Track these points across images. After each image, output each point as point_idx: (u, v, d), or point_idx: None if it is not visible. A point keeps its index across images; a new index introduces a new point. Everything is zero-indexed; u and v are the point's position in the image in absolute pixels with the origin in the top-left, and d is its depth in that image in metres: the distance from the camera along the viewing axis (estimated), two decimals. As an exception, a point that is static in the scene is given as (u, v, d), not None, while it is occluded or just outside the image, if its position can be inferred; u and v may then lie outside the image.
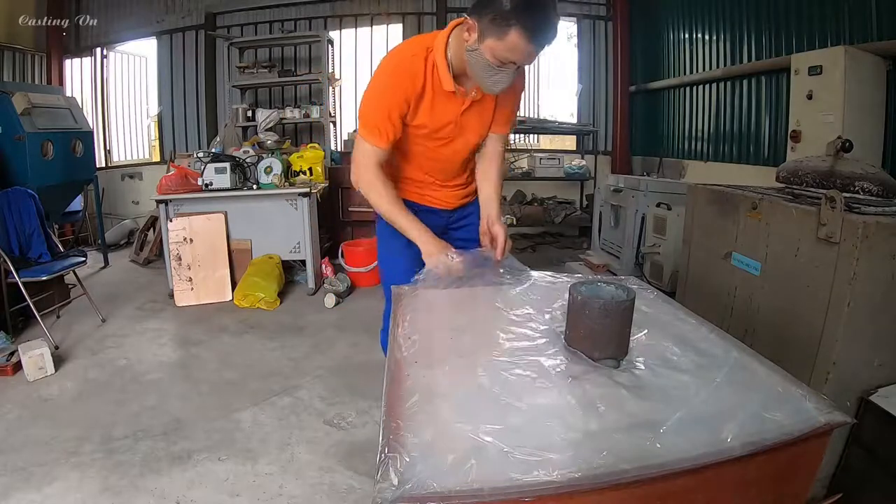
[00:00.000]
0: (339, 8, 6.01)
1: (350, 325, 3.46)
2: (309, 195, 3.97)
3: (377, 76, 1.50)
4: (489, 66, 1.33)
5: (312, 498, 1.83)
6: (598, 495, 0.76)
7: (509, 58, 1.30)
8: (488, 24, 1.27)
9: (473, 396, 0.99)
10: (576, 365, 1.12)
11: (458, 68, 1.45)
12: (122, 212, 6.38)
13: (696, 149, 4.86)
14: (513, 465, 0.79)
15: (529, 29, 1.24)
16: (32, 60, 6.04)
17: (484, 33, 1.29)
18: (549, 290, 1.52)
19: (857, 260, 1.49)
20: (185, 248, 3.86)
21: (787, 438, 0.86)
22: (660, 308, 1.47)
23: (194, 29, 6.10)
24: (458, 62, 1.44)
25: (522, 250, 5.52)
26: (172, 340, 3.27)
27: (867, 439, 1.56)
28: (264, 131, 5.24)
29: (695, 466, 0.79)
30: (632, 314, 1.14)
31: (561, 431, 0.88)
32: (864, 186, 1.94)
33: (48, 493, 1.85)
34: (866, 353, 1.57)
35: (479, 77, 1.40)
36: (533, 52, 1.30)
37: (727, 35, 4.25)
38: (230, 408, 2.43)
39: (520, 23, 1.24)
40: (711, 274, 2.23)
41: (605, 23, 6.05)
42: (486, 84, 1.40)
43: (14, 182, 3.66)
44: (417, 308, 1.44)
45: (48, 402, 2.50)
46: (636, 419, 0.92)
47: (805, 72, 3.04)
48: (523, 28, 1.24)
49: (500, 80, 1.37)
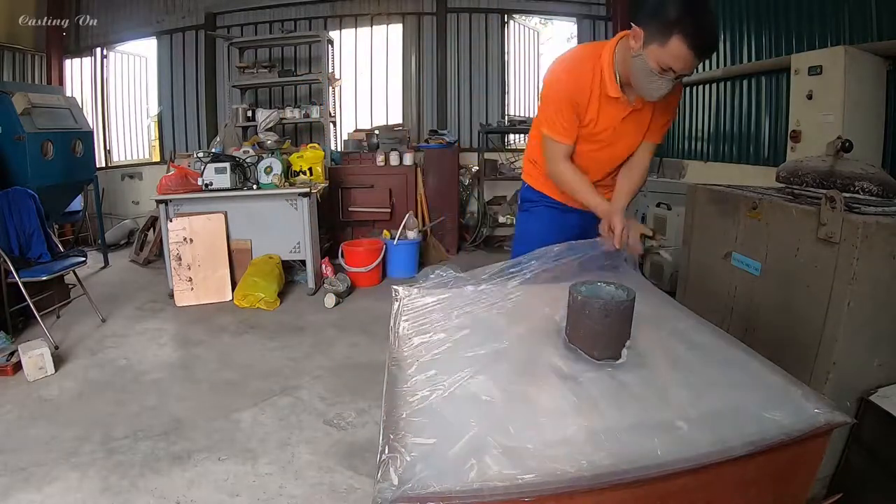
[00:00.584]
0: (339, 8, 6.01)
1: (350, 325, 3.46)
2: (309, 195, 3.97)
3: (552, 80, 1.64)
4: (650, 73, 1.41)
5: (312, 498, 1.83)
6: (598, 495, 0.76)
7: (670, 64, 1.37)
8: (653, 31, 1.36)
9: (473, 397, 0.99)
10: (576, 364, 1.12)
11: (623, 77, 1.55)
12: (122, 212, 6.38)
13: (696, 149, 4.86)
14: (513, 465, 0.79)
15: (691, 36, 1.31)
16: (32, 60, 6.04)
17: (648, 40, 1.38)
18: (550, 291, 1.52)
19: (857, 260, 1.49)
20: (185, 248, 3.86)
21: (787, 438, 0.86)
22: (660, 308, 1.47)
23: (194, 29, 6.10)
24: (623, 71, 1.53)
25: (522, 250, 5.52)
26: (172, 340, 3.28)
27: (867, 439, 1.55)
28: (264, 131, 5.24)
29: (695, 466, 0.79)
30: (632, 314, 1.14)
31: (561, 431, 0.88)
32: (864, 186, 1.94)
33: (48, 493, 1.85)
34: (866, 353, 1.57)
35: (640, 83, 1.47)
36: (693, 61, 1.37)
37: (727, 35, 4.25)
38: (230, 408, 2.43)
39: (682, 31, 1.30)
40: (711, 274, 2.23)
41: (605, 23, 6.04)
42: (646, 90, 1.48)
43: (14, 182, 3.66)
44: (418, 308, 1.44)
45: (48, 402, 2.50)
46: (636, 419, 0.92)
47: (805, 72, 3.04)
48: (685, 35, 1.31)
49: (659, 87, 1.44)
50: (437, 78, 5.99)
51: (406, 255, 4.53)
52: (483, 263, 1.54)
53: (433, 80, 6.02)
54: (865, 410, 1.56)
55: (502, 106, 6.14)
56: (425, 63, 6.01)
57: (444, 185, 5.28)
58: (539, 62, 6.50)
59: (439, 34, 5.90)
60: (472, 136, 6.10)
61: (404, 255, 4.52)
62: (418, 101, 6.09)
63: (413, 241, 4.56)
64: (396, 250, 4.46)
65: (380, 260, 4.31)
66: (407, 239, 4.53)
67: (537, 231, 1.86)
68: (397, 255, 4.48)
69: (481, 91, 6.08)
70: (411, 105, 6.12)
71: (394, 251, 4.44)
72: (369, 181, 5.11)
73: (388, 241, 4.44)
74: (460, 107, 6.10)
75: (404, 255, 4.52)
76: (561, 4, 6.06)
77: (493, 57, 6.04)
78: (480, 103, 6.10)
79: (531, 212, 1.96)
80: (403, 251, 4.50)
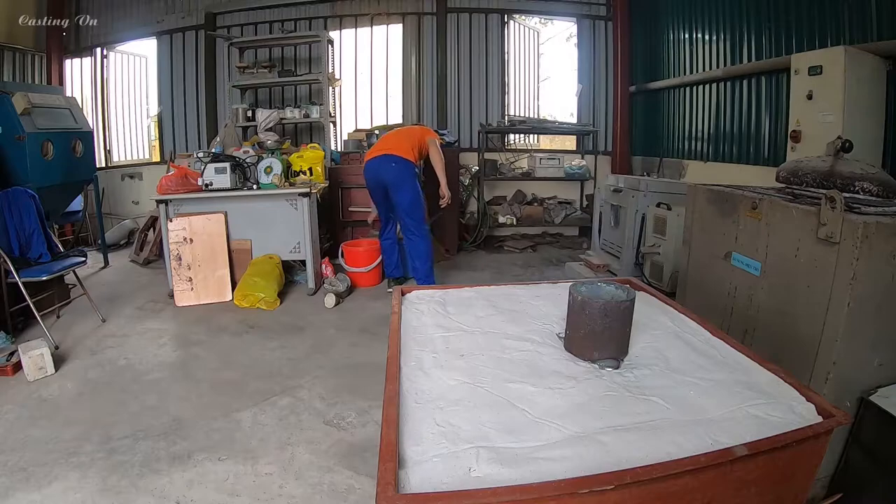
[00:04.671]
0: (339, 8, 6.01)
1: (350, 325, 3.46)
2: (309, 195, 3.97)
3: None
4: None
5: (312, 498, 1.83)
6: (598, 495, 0.76)
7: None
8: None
9: (474, 397, 1.00)
10: (576, 365, 1.12)
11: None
12: (122, 212, 6.38)
13: (696, 149, 4.87)
14: (513, 465, 0.79)
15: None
16: (32, 60, 6.05)
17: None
18: (551, 292, 1.52)
19: (857, 260, 1.49)
20: (185, 248, 3.86)
21: (787, 438, 0.86)
22: (660, 308, 1.47)
23: (194, 29, 6.10)
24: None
25: (522, 250, 5.52)
26: (172, 340, 3.27)
27: (867, 439, 1.55)
28: (264, 131, 5.25)
29: (695, 466, 0.79)
30: (632, 314, 1.14)
31: (561, 432, 0.88)
32: (864, 186, 1.94)
33: (48, 493, 1.85)
34: (866, 353, 1.57)
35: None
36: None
37: (727, 35, 4.25)
38: (230, 408, 2.43)
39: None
40: (711, 274, 2.23)
41: (605, 23, 6.05)
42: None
43: (14, 182, 3.67)
44: (418, 309, 1.44)
45: (48, 402, 2.50)
46: (636, 419, 0.92)
47: (805, 72, 3.04)
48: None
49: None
50: (437, 78, 5.99)
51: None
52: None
53: (433, 80, 6.02)
54: (865, 410, 1.56)
55: (502, 106, 6.15)
56: (425, 63, 6.01)
57: (444, 185, 5.26)
58: (539, 62, 6.51)
59: (439, 34, 5.90)
60: (472, 136, 6.10)
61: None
62: (418, 101, 6.09)
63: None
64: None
65: (380, 260, 4.31)
66: (407, 239, 4.51)
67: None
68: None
69: (481, 91, 6.09)
70: (411, 105, 6.12)
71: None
72: (369, 181, 5.10)
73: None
74: (460, 107, 6.10)
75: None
76: (561, 4, 6.06)
77: (493, 57, 6.04)
78: (480, 103, 6.10)
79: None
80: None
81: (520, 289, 1.61)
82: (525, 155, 6.12)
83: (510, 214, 5.83)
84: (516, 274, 4.67)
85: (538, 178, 5.97)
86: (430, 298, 1.52)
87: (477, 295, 1.56)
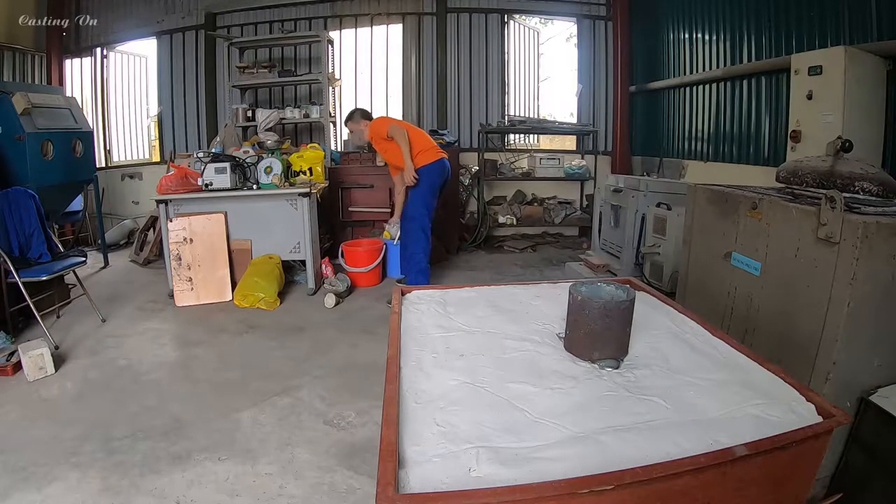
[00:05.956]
0: (339, 8, 6.01)
1: (350, 325, 3.46)
2: (309, 195, 3.97)
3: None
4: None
5: (312, 498, 1.83)
6: (598, 496, 0.76)
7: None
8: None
9: (474, 397, 1.00)
10: (576, 365, 1.12)
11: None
12: (122, 212, 6.38)
13: (696, 149, 4.86)
14: (513, 466, 0.79)
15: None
16: (32, 60, 6.04)
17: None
18: (551, 292, 1.52)
19: (857, 260, 1.49)
20: (185, 248, 3.86)
21: (787, 438, 0.86)
22: (660, 308, 1.47)
23: (194, 29, 6.10)
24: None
25: (522, 250, 5.52)
26: (172, 340, 3.27)
27: (867, 439, 1.55)
28: (264, 131, 5.25)
29: (695, 466, 0.79)
30: (632, 314, 1.14)
31: (561, 432, 0.88)
32: (864, 186, 1.94)
33: (48, 493, 1.85)
34: (866, 353, 1.57)
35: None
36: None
37: (727, 35, 4.25)
38: (230, 408, 2.43)
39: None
40: (711, 274, 2.23)
41: (605, 23, 6.05)
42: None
43: (14, 182, 3.67)
44: (418, 309, 1.44)
45: (48, 402, 2.50)
46: (636, 419, 0.92)
47: (805, 72, 3.04)
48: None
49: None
50: (437, 78, 5.99)
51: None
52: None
53: (433, 80, 6.02)
54: (865, 410, 1.56)
55: (502, 106, 6.15)
56: (425, 63, 6.01)
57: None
58: (539, 62, 6.51)
59: (439, 34, 5.90)
60: (472, 136, 6.10)
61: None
62: (418, 101, 6.09)
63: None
64: (396, 250, 4.45)
65: (380, 260, 4.31)
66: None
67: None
68: (397, 255, 4.48)
69: (481, 91, 6.09)
70: (411, 105, 6.12)
71: (394, 251, 4.44)
72: (369, 181, 5.11)
73: (387, 242, 4.43)
74: (460, 107, 6.10)
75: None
76: (561, 4, 6.06)
77: (493, 57, 6.04)
78: (480, 103, 6.10)
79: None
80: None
81: (520, 289, 1.60)
82: (525, 155, 6.12)
83: (510, 214, 5.83)
84: (516, 274, 4.67)
85: (538, 178, 5.97)
86: (430, 298, 1.52)
87: (477, 295, 1.56)
